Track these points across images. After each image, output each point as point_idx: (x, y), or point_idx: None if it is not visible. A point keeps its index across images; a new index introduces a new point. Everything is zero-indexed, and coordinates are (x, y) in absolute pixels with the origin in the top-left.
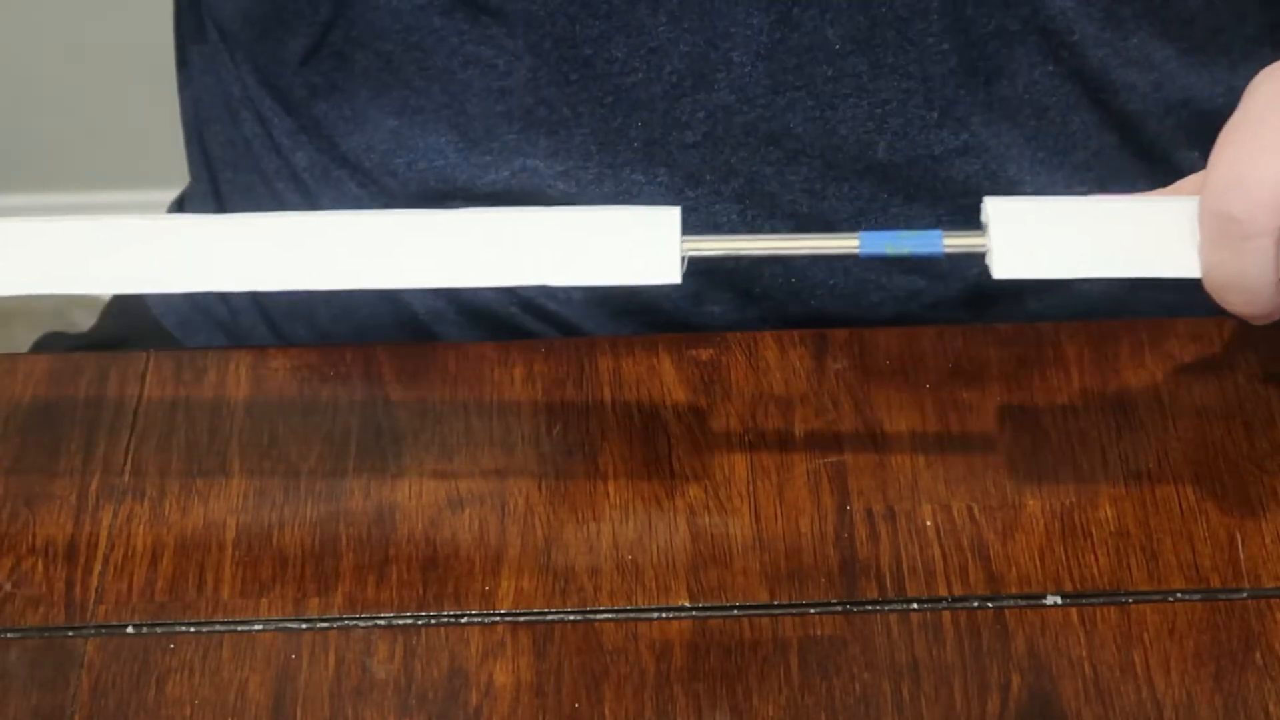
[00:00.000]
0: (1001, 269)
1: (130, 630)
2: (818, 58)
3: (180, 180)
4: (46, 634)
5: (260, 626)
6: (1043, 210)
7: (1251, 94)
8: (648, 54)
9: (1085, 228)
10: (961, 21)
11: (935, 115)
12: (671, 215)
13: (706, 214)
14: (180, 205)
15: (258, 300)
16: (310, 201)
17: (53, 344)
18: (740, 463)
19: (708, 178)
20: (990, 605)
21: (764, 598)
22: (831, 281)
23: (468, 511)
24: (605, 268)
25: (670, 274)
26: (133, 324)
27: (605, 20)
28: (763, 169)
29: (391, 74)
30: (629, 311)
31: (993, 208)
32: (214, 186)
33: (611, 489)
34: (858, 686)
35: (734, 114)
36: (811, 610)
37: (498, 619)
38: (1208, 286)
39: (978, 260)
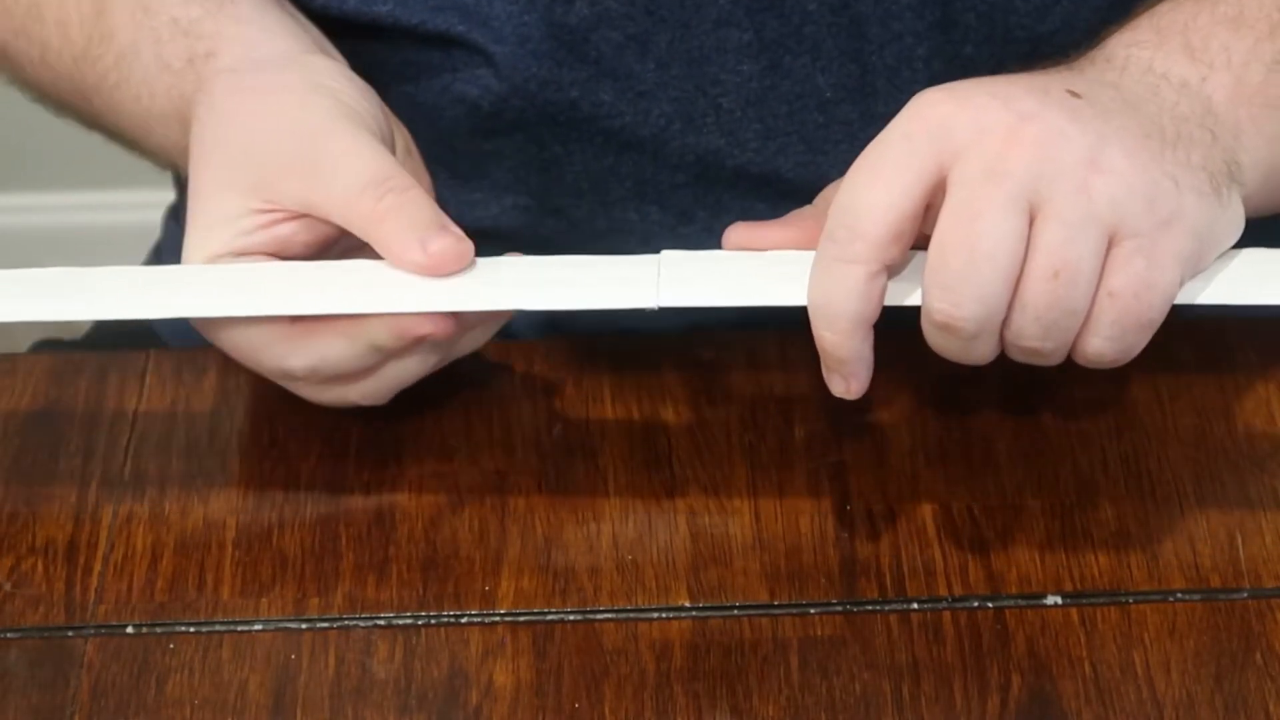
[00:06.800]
0: (667, 297)
1: (130, 630)
2: (808, 105)
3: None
4: (46, 634)
5: (260, 626)
6: (711, 256)
7: (895, 119)
8: (635, 98)
9: (746, 263)
10: (952, 68)
11: None
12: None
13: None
14: (175, 214)
15: None
16: None
17: (52, 345)
18: (740, 463)
19: (700, 214)
20: (990, 605)
21: (764, 598)
22: None
23: (468, 511)
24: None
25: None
26: (132, 325)
27: (593, 65)
28: (755, 205)
29: None
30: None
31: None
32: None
33: (611, 489)
34: (858, 686)
35: (724, 157)
36: (811, 610)
37: (498, 619)
38: (808, 308)
39: None
